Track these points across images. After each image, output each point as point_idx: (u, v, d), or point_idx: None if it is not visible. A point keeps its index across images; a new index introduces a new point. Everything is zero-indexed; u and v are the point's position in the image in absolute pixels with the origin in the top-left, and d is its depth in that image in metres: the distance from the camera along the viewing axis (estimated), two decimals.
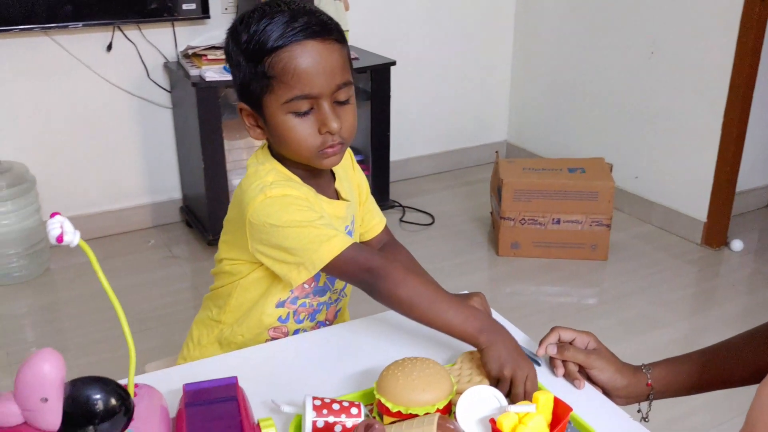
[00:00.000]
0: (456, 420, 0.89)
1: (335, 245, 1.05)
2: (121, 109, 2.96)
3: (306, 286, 1.20)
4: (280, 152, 1.14)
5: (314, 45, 1.04)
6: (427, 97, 3.61)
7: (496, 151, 3.32)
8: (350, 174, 1.28)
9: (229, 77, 2.70)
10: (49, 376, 0.66)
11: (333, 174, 1.22)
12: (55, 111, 2.82)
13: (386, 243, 1.34)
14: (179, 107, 3.00)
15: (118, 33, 2.85)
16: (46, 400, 0.66)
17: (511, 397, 0.96)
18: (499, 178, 2.88)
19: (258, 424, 0.88)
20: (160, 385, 0.94)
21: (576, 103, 3.48)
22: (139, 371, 0.98)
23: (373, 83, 3.00)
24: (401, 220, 3.26)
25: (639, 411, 1.10)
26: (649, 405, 1.09)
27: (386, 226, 1.35)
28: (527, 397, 0.94)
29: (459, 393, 0.96)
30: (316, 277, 1.19)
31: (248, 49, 1.05)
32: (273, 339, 1.22)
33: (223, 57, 2.77)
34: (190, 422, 0.86)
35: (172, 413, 0.89)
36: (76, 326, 2.46)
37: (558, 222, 2.86)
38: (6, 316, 2.56)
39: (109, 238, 3.05)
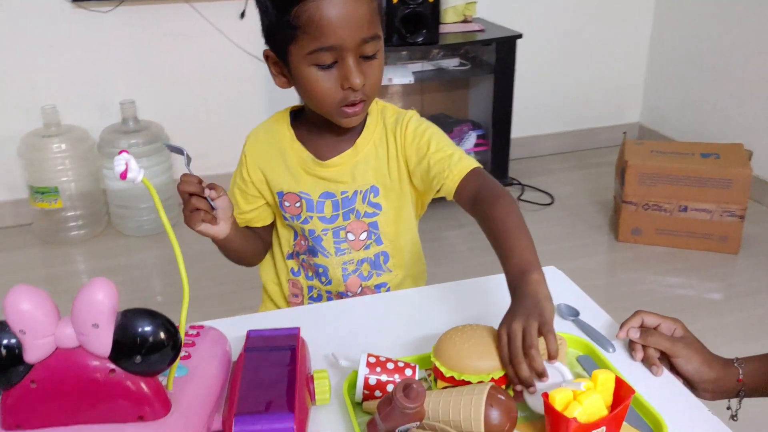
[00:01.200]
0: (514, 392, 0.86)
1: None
2: (251, 76, 3.06)
3: (302, 242, 1.24)
4: (305, 103, 1.14)
5: None
6: (555, 72, 3.47)
7: (624, 132, 3.15)
8: (392, 146, 1.19)
9: None
10: (100, 303, 0.69)
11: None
12: (190, 75, 2.97)
13: (477, 197, 1.09)
14: None
15: (251, 1, 2.94)
16: (97, 326, 0.70)
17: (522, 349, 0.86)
18: (624, 159, 2.74)
19: (312, 375, 0.89)
20: (231, 331, 0.97)
21: (717, 86, 3.23)
22: None
23: (498, 56, 2.92)
24: (519, 198, 3.18)
25: (728, 408, 1.01)
26: (739, 402, 1.00)
27: (476, 173, 1.12)
28: (551, 358, 0.86)
29: None
30: (304, 237, 1.23)
31: None
32: (293, 294, 1.24)
33: None
34: (247, 366, 0.88)
35: (236, 357, 0.92)
36: (198, 278, 2.60)
37: (685, 209, 2.68)
38: (136, 266, 2.75)
39: None
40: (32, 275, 2.64)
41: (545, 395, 0.78)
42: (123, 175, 0.75)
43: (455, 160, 1.13)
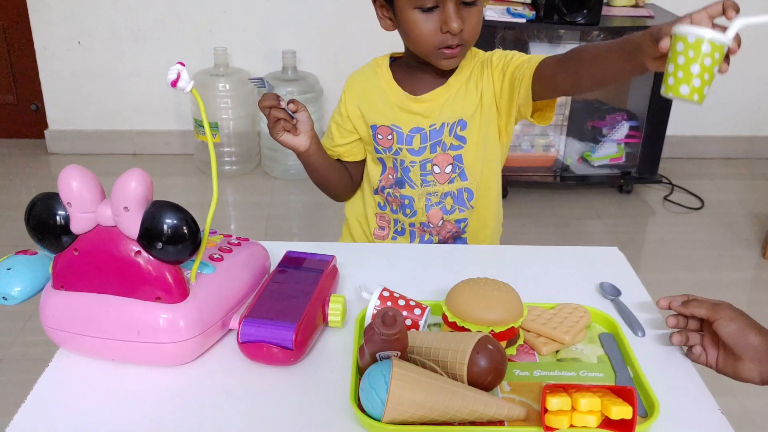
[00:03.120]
0: None
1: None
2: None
3: (390, 176, 1.29)
4: (406, 45, 1.20)
5: None
6: (732, 71, 3.20)
7: None
8: (480, 81, 1.24)
9: (511, 19, 2.71)
10: (132, 190, 0.79)
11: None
12: (352, 32, 3.08)
13: (563, 56, 1.14)
14: None
15: None
16: (127, 209, 0.79)
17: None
18: None
19: (329, 299, 0.94)
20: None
21: None
22: None
23: None
24: (665, 198, 3.02)
25: None
26: None
27: (556, 55, 1.18)
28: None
29: (539, 334, 0.93)
30: (394, 168, 1.28)
31: None
32: (380, 227, 1.31)
33: None
34: (274, 279, 0.96)
35: None
36: (338, 224, 2.74)
37: None
38: (278, 205, 2.93)
39: None
40: (187, 199, 2.89)
41: (544, 390, 0.78)
42: (173, 83, 0.84)
43: (535, 55, 1.19)
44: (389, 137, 1.28)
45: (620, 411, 0.75)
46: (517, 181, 2.99)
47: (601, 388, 0.79)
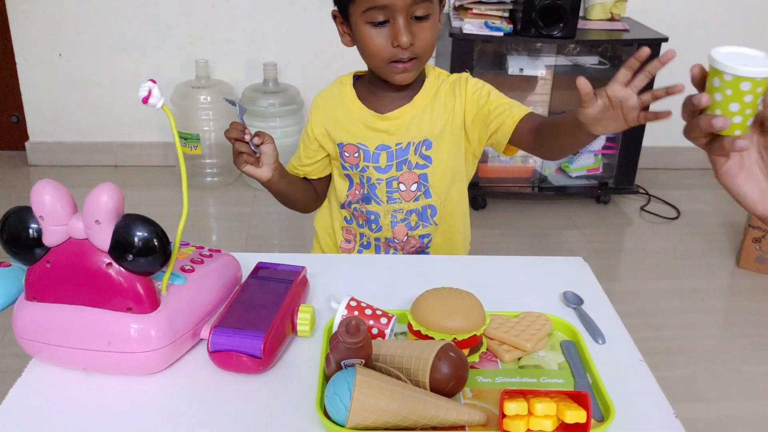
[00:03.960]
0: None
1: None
2: None
3: (357, 192, 1.31)
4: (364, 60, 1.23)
5: None
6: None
7: None
8: (449, 102, 1.28)
9: (488, 32, 2.75)
10: (103, 204, 0.81)
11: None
12: (328, 44, 3.11)
13: (540, 123, 1.20)
14: (437, 57, 3.12)
15: None
16: (99, 222, 0.82)
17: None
18: None
19: (297, 309, 0.97)
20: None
21: None
22: None
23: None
24: (642, 208, 3.07)
25: None
26: None
27: (534, 114, 1.23)
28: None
29: (502, 342, 0.96)
30: (361, 185, 1.31)
31: None
32: (346, 240, 1.33)
33: (488, 12, 2.85)
34: (245, 289, 0.99)
35: None
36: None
37: None
38: (258, 216, 2.95)
39: None
40: (169, 210, 2.87)
41: (502, 396, 0.80)
42: (144, 100, 0.86)
43: (515, 105, 1.24)
44: (356, 155, 1.30)
45: (575, 415, 0.78)
46: (495, 192, 3.03)
47: (558, 394, 0.82)
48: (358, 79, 1.33)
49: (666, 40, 2.80)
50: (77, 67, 3.07)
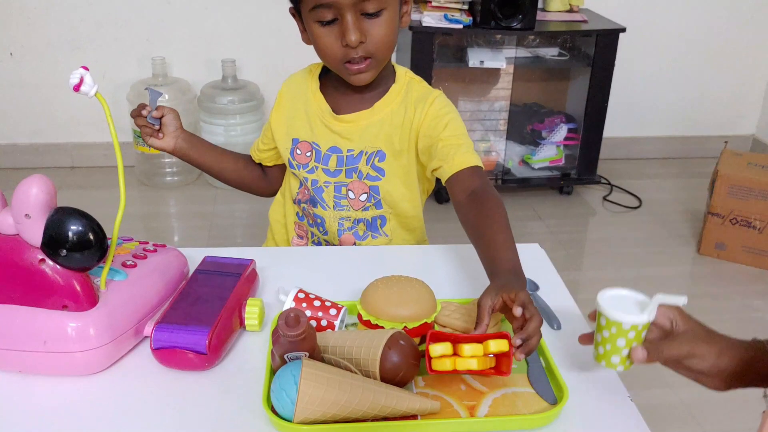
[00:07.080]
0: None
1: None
2: None
3: (306, 192, 1.28)
4: None
5: None
6: (662, 72, 3.29)
7: (726, 141, 2.96)
8: (410, 117, 1.19)
9: (448, 25, 2.74)
10: (33, 197, 0.78)
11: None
12: (287, 39, 3.07)
13: (475, 191, 1.09)
14: (397, 51, 3.11)
15: None
16: (29, 216, 0.78)
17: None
18: (716, 169, 2.59)
19: (245, 303, 0.94)
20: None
21: None
22: None
23: (597, 50, 2.83)
24: (605, 198, 3.08)
25: (765, 396, 0.91)
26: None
27: (478, 171, 1.13)
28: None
29: (455, 329, 0.94)
30: (306, 187, 1.27)
31: None
32: (298, 236, 1.30)
33: (447, 5, 2.83)
34: (190, 284, 0.96)
35: None
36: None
37: None
38: (220, 215, 2.90)
39: None
40: (128, 211, 2.83)
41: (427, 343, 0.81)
42: (76, 88, 0.83)
43: (462, 151, 1.13)
44: (308, 154, 1.24)
45: (498, 344, 0.81)
46: None
47: (483, 337, 0.82)
48: (329, 71, 1.25)
49: (624, 30, 2.81)
50: (30, 66, 2.99)
